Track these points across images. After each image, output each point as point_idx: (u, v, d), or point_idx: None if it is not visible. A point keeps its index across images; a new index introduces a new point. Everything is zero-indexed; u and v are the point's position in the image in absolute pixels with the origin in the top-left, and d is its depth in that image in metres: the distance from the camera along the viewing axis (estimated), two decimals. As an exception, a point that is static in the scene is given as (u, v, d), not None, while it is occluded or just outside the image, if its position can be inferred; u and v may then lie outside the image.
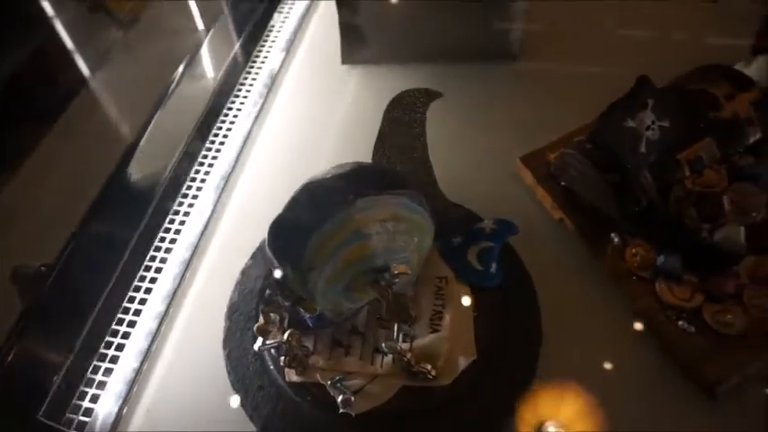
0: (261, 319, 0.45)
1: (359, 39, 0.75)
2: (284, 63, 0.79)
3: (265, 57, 0.80)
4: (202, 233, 0.62)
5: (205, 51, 0.79)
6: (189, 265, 0.60)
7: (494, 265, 0.52)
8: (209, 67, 0.79)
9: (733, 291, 0.50)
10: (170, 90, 0.72)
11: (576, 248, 0.57)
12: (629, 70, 0.58)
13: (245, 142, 0.70)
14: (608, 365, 0.50)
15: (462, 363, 0.47)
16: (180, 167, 0.67)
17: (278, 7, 0.86)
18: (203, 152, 0.69)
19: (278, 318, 0.48)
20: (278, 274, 0.44)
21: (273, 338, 0.48)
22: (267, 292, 0.45)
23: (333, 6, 0.73)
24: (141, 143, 0.66)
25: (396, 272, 0.42)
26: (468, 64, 0.76)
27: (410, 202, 0.45)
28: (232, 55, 0.79)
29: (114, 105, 0.71)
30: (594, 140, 0.49)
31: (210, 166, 0.68)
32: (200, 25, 0.82)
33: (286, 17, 0.86)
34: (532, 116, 0.70)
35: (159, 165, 0.66)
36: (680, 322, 0.50)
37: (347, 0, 0.71)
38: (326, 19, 0.83)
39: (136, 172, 0.64)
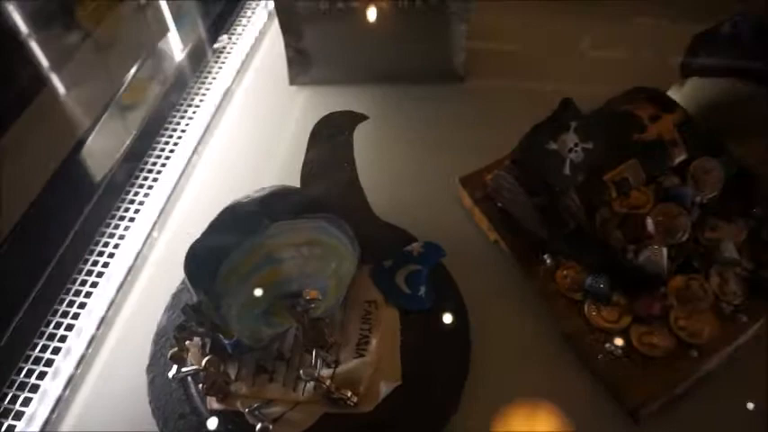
0: (175, 346, 0.44)
1: (305, 61, 0.75)
2: (234, 83, 0.80)
3: (214, 77, 0.80)
4: (139, 253, 0.62)
5: (151, 67, 0.79)
6: (122, 286, 0.59)
7: (422, 289, 0.52)
8: (155, 84, 0.79)
9: (659, 312, 0.50)
10: (111, 107, 0.71)
11: (509, 270, 0.57)
12: (574, 90, 0.58)
13: (188, 163, 0.70)
14: (536, 389, 0.50)
15: (384, 389, 0.46)
16: (119, 186, 0.66)
17: (230, 29, 0.86)
18: (144, 173, 0.68)
19: (200, 343, 0.47)
20: (193, 299, 0.44)
21: (195, 364, 0.47)
22: (182, 318, 0.44)
23: (283, 28, 0.74)
24: (76, 158, 0.65)
25: (307, 297, 0.41)
26: (416, 85, 0.77)
27: (328, 226, 0.44)
28: (179, 75, 0.79)
29: (48, 120, 0.69)
30: (517, 163, 0.49)
31: (151, 187, 0.67)
32: (147, 40, 0.82)
33: (239, 36, 0.86)
34: (477, 137, 0.70)
35: (97, 181, 0.65)
36: (607, 345, 0.49)
37: (291, 24, 0.71)
38: (277, 40, 0.83)
39: (70, 188, 0.63)
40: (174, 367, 0.45)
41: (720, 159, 0.54)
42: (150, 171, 0.69)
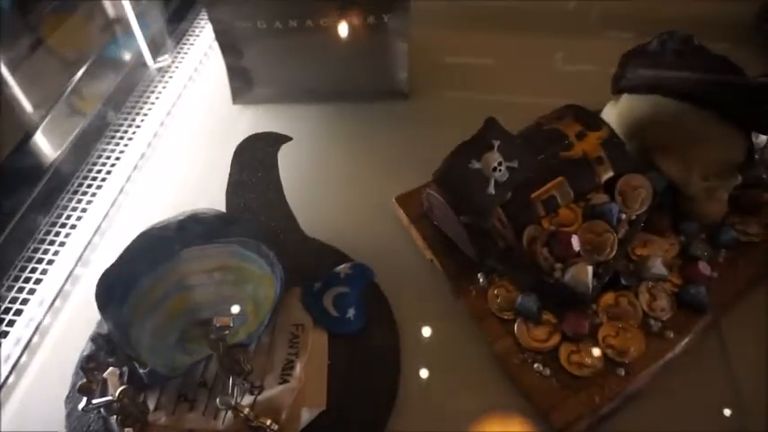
0: (83, 378, 0.43)
1: (247, 80, 0.75)
2: (177, 102, 0.79)
3: (158, 96, 0.79)
4: (68, 277, 0.60)
5: (90, 84, 0.77)
6: (48, 312, 0.57)
7: (351, 311, 0.51)
8: (94, 101, 0.77)
9: (587, 331, 0.49)
10: (44, 125, 0.69)
11: (444, 289, 0.56)
12: (518, 106, 0.59)
13: (126, 181, 0.69)
14: (467, 411, 0.49)
15: (307, 415, 0.45)
16: (56, 203, 0.65)
17: (176, 47, 0.86)
18: (79, 195, 0.67)
19: (118, 372, 0.46)
20: (104, 328, 0.42)
21: (110, 394, 0.45)
22: (91, 347, 0.43)
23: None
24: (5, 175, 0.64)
25: (218, 324, 0.40)
26: (361, 103, 0.77)
27: (243, 250, 0.43)
28: (121, 93, 0.78)
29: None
30: (439, 183, 0.49)
31: (90, 202, 0.66)
32: (88, 55, 0.81)
33: (185, 54, 0.85)
34: (419, 154, 0.69)
35: (28, 199, 0.63)
36: (535, 365, 0.49)
37: (230, 43, 0.71)
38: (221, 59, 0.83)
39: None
40: (84, 399, 0.43)
41: (648, 175, 0.54)
42: (85, 193, 0.67)
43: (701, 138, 0.54)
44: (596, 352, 0.49)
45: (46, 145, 0.68)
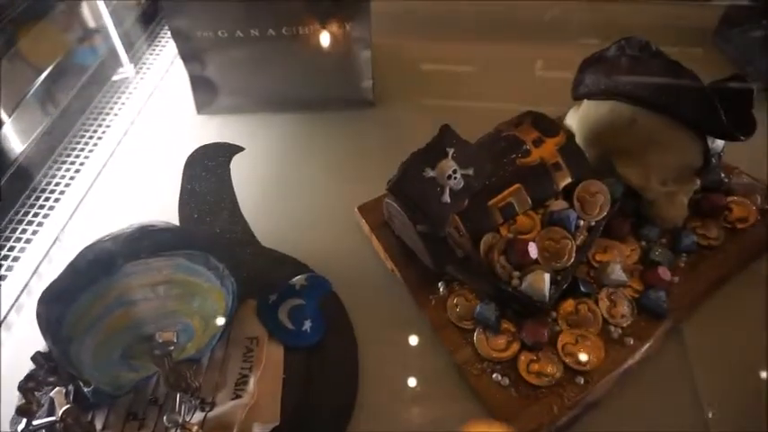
0: (22, 398, 0.41)
1: (211, 90, 0.74)
2: (141, 112, 0.78)
3: (121, 107, 0.78)
4: (24, 289, 0.58)
5: (52, 93, 0.76)
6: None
7: (307, 323, 0.50)
8: (57, 111, 0.76)
9: (546, 339, 0.49)
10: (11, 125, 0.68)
11: (404, 300, 0.55)
12: (484, 113, 0.58)
13: (86, 193, 0.67)
14: (426, 423, 0.48)
15: (258, 431, 0.44)
16: (9, 217, 0.63)
17: (139, 58, 0.85)
18: (41, 201, 0.66)
19: (63, 392, 0.44)
20: (45, 346, 0.41)
21: (55, 415, 0.44)
22: (31, 367, 0.42)
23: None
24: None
25: (161, 340, 0.39)
26: (326, 112, 0.77)
27: (188, 263, 0.42)
28: (83, 102, 0.77)
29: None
30: (393, 192, 0.48)
31: (47, 215, 0.64)
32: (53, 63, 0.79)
33: (151, 64, 0.85)
34: (384, 162, 0.69)
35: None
36: (494, 375, 0.48)
37: (192, 54, 0.70)
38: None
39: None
40: (24, 421, 0.42)
41: (607, 181, 0.54)
42: (42, 206, 0.66)
43: (657, 143, 0.54)
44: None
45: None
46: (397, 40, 0.91)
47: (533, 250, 0.49)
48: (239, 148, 0.50)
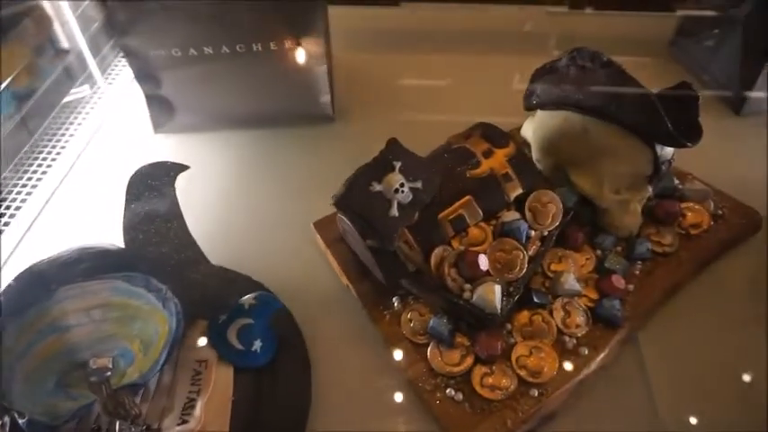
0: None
1: (167, 108, 0.73)
2: (97, 133, 0.76)
3: (77, 127, 0.77)
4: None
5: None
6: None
7: (257, 343, 0.49)
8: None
9: (499, 352, 0.48)
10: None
11: (360, 315, 0.55)
12: (446, 126, 0.58)
13: (40, 212, 0.66)
14: (379, 442, 0.48)
15: (205, 456, 0.43)
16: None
17: (93, 78, 0.84)
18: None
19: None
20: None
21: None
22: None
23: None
24: None
25: (95, 366, 0.38)
26: (287, 128, 0.76)
27: (128, 285, 0.41)
28: (38, 121, 0.75)
29: None
30: (338, 207, 0.48)
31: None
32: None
33: (109, 84, 0.84)
34: (343, 177, 0.68)
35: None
36: (447, 390, 0.47)
37: (147, 73, 0.69)
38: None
39: None
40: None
41: (558, 191, 0.54)
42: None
43: (608, 152, 0.54)
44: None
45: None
46: (359, 54, 0.91)
47: (483, 262, 0.48)
48: (183, 167, 0.49)
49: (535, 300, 0.51)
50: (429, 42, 0.94)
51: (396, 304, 0.53)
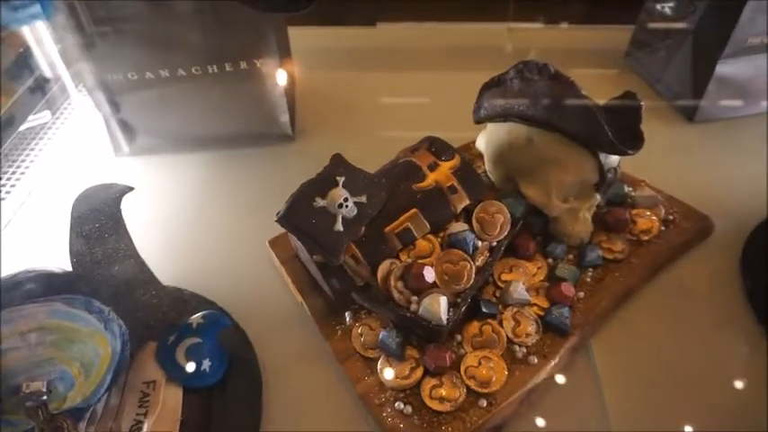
0: None
1: (128, 132, 0.73)
2: (58, 157, 0.77)
3: (38, 153, 0.77)
4: None
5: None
6: None
7: (206, 363, 0.48)
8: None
9: (448, 363, 0.48)
10: None
11: (313, 331, 0.55)
12: (407, 142, 0.59)
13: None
14: (330, 459, 0.47)
15: (149, 479, 0.43)
16: None
17: (55, 104, 0.84)
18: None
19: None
20: None
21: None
22: None
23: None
24: None
25: (28, 390, 0.38)
26: (247, 148, 0.77)
27: (67, 308, 0.41)
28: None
29: None
30: (281, 224, 0.48)
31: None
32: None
33: (73, 108, 0.84)
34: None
35: None
36: (396, 403, 0.47)
37: (104, 97, 0.70)
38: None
39: None
40: None
41: (506, 201, 0.55)
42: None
43: (553, 161, 0.55)
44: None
45: None
46: (320, 72, 0.92)
47: (429, 274, 0.49)
48: (128, 188, 0.49)
49: (484, 310, 0.51)
50: (398, 61, 0.95)
51: (348, 319, 0.53)
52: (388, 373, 0.49)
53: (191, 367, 0.48)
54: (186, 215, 0.69)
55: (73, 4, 0.62)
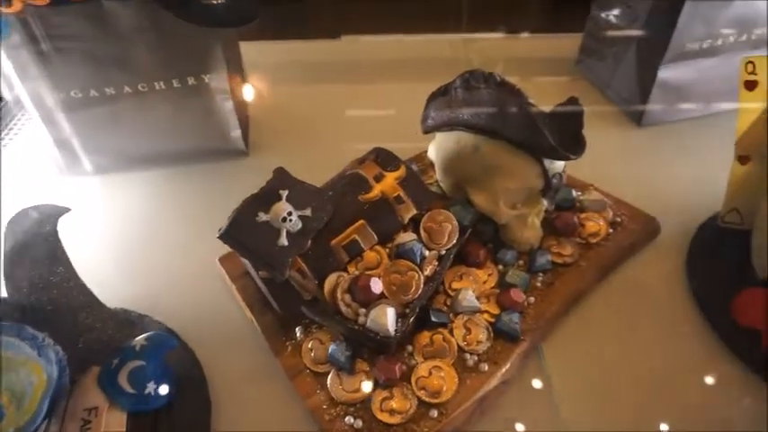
0: None
1: (74, 151, 0.72)
2: (2, 178, 0.75)
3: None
4: None
5: None
6: None
7: (150, 385, 0.47)
8: None
9: (398, 375, 0.48)
10: None
11: (263, 348, 0.54)
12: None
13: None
14: (280, 479, 0.46)
15: None
16: None
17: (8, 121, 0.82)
18: None
19: None
20: None
21: None
22: None
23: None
24: None
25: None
26: (200, 164, 0.76)
27: (-5, 336, 0.40)
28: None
29: None
30: (223, 240, 0.47)
31: None
32: None
33: (21, 126, 0.82)
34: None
35: None
36: (347, 417, 0.47)
37: (48, 116, 0.68)
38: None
39: None
40: None
41: (453, 209, 0.55)
42: None
43: (499, 168, 0.55)
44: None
45: None
46: (280, 86, 0.92)
47: (376, 285, 0.48)
48: (64, 210, 0.48)
49: (433, 319, 0.51)
50: (358, 73, 0.96)
51: (298, 334, 0.52)
52: (338, 388, 0.48)
53: (134, 391, 0.47)
54: (137, 235, 0.67)
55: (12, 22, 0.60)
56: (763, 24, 0.73)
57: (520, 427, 0.49)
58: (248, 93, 0.83)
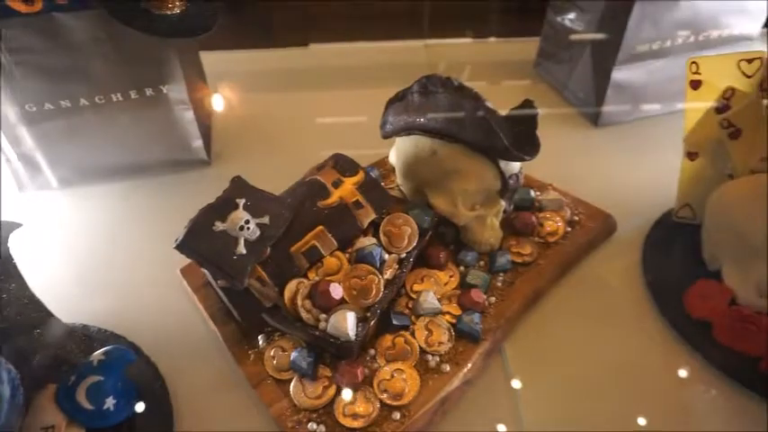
0: None
1: (31, 166, 0.71)
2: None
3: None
4: None
5: None
6: None
7: (109, 401, 0.46)
8: None
9: (360, 379, 0.48)
10: None
11: (227, 358, 0.53)
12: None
13: None
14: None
15: None
16: None
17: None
18: None
19: None
20: None
21: None
22: None
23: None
24: None
25: None
26: (163, 175, 0.75)
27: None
28: None
29: None
30: (180, 250, 0.47)
31: None
32: None
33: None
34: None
35: None
36: (310, 423, 0.47)
37: (9, 131, 0.67)
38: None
39: None
40: None
41: (412, 213, 0.55)
42: None
43: (457, 170, 0.56)
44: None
45: None
46: (244, 95, 0.92)
47: (336, 291, 0.49)
48: (15, 225, 0.47)
49: (394, 322, 0.52)
50: (323, 81, 0.96)
51: (261, 342, 0.52)
52: (301, 394, 0.48)
53: (92, 407, 0.46)
54: (99, 248, 0.66)
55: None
56: (711, 26, 0.76)
57: (481, 426, 0.49)
58: (210, 103, 0.83)
